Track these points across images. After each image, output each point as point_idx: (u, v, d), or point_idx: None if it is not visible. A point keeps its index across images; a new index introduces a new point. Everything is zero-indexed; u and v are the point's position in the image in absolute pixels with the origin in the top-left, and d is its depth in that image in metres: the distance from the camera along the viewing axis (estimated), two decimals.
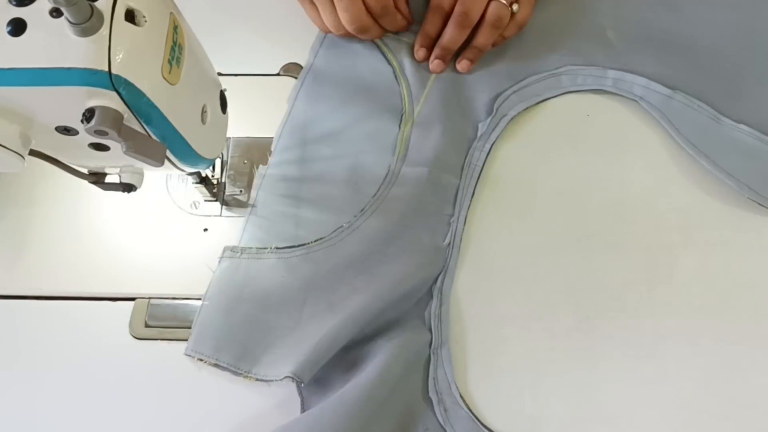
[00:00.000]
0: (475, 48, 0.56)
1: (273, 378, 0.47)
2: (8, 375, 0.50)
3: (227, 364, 0.48)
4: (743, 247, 0.52)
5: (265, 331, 0.49)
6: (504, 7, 0.54)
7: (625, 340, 0.50)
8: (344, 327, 0.47)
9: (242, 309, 0.50)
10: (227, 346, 0.49)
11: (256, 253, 0.51)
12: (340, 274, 0.50)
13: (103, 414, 0.49)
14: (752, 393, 0.48)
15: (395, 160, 0.54)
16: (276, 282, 0.50)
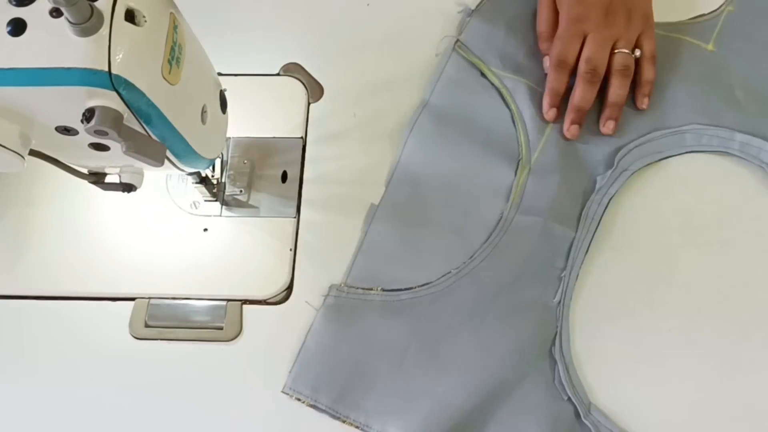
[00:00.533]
0: (614, 105, 0.54)
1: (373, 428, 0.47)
2: (8, 375, 0.50)
3: (325, 406, 0.48)
4: (743, 247, 0.52)
5: (365, 374, 0.48)
6: (628, 56, 0.54)
7: (626, 340, 0.50)
8: (458, 388, 0.47)
9: (344, 350, 0.49)
10: (326, 387, 0.48)
11: (363, 293, 0.51)
12: (446, 321, 0.49)
13: (103, 414, 0.49)
14: (752, 393, 0.48)
15: (509, 207, 0.53)
16: (380, 324, 0.50)
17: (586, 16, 0.54)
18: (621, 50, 0.54)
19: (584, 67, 0.54)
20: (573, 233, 0.52)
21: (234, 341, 0.51)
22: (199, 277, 0.52)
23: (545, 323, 0.49)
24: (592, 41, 0.54)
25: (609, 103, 0.54)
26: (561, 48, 0.54)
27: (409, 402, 0.47)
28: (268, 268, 0.52)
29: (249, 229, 0.54)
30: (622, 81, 0.54)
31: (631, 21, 0.55)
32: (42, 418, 0.49)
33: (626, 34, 0.54)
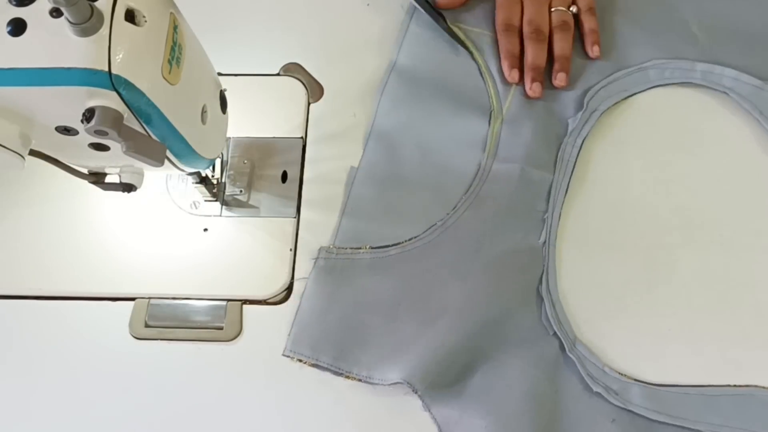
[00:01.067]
0: (562, 57, 0.57)
1: (379, 382, 0.48)
2: (8, 375, 0.50)
3: (327, 364, 0.49)
4: (743, 247, 0.52)
5: (360, 330, 0.49)
6: (563, 12, 0.58)
7: (626, 340, 0.50)
8: (450, 332, 0.48)
9: (338, 309, 0.50)
10: (325, 346, 0.49)
11: (351, 253, 0.52)
12: (434, 273, 0.51)
13: (103, 414, 0.49)
14: None
15: (485, 157, 0.55)
16: (371, 281, 0.51)
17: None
18: (557, 8, 0.58)
19: (527, 28, 0.58)
20: (551, 176, 0.54)
21: (234, 341, 0.51)
22: (199, 277, 0.52)
23: (532, 264, 0.51)
24: (529, 4, 0.58)
25: (555, 57, 0.57)
26: (503, 14, 0.59)
27: (404, 350, 0.48)
28: (268, 268, 0.52)
29: (249, 229, 0.54)
30: (562, 35, 0.57)
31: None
32: (42, 418, 0.49)
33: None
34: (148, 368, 0.50)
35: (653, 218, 0.53)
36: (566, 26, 0.58)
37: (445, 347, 0.48)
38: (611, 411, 0.47)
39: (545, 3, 0.58)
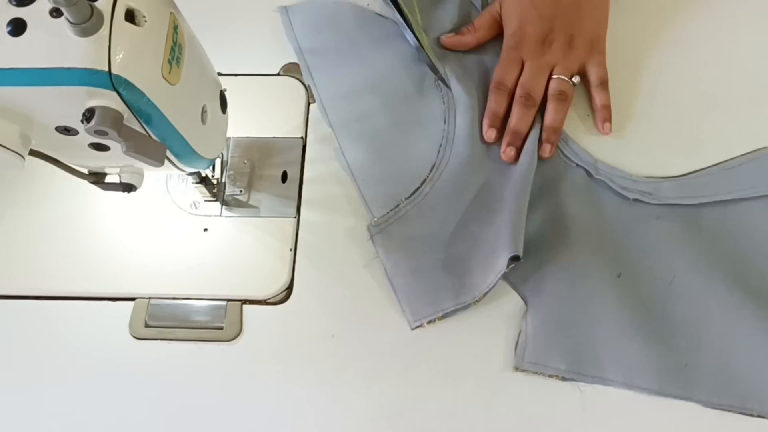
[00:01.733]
0: (550, 128, 0.55)
1: (497, 277, 0.49)
2: (8, 375, 0.50)
3: (453, 306, 0.50)
4: None
5: (456, 262, 0.51)
6: (564, 82, 0.56)
7: None
8: (509, 208, 0.51)
9: (424, 261, 0.52)
10: (441, 295, 0.50)
11: (394, 213, 0.53)
12: (471, 179, 0.54)
13: (103, 414, 0.49)
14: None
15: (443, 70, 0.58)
16: (429, 222, 0.53)
17: (523, 44, 0.57)
18: (558, 76, 0.56)
19: (519, 91, 0.56)
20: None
21: (234, 341, 0.51)
22: (199, 277, 0.52)
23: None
24: (528, 68, 0.56)
25: (545, 127, 0.55)
26: (499, 72, 0.57)
27: (495, 251, 0.50)
28: (268, 268, 0.52)
29: (249, 229, 0.54)
30: (556, 105, 0.55)
31: (571, 48, 0.56)
32: (42, 418, 0.49)
33: (564, 61, 0.56)
34: (148, 368, 0.50)
35: None
36: (563, 96, 0.56)
37: (515, 213, 0.51)
38: (652, 210, 0.52)
39: (546, 69, 0.56)
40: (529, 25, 0.56)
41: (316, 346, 0.50)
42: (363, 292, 0.52)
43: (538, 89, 0.56)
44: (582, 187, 0.54)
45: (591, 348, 0.48)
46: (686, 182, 0.53)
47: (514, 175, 0.53)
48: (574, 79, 0.56)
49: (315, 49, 0.60)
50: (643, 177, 0.53)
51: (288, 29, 0.61)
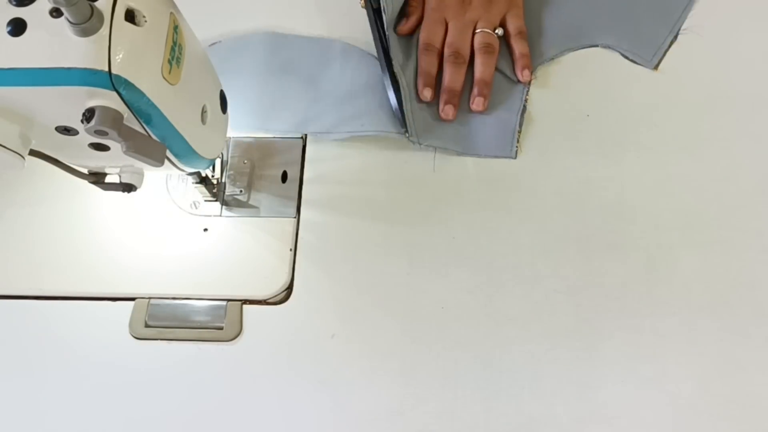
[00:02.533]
0: (481, 81, 0.57)
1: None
2: (8, 375, 0.50)
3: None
4: (743, 247, 0.52)
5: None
6: (489, 35, 0.58)
7: (625, 340, 0.50)
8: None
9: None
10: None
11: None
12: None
13: (103, 414, 0.49)
14: (752, 393, 0.48)
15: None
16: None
17: (443, 4, 0.59)
18: (482, 29, 0.58)
19: (447, 51, 0.57)
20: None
21: (234, 341, 0.51)
22: (199, 277, 0.52)
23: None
24: (452, 26, 0.58)
25: (476, 80, 0.57)
26: (425, 34, 0.58)
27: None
28: (268, 268, 0.52)
29: (249, 229, 0.54)
30: (484, 58, 0.57)
31: (491, 3, 0.59)
32: (42, 418, 0.49)
33: (486, 15, 0.58)
34: (148, 368, 0.50)
35: (653, 218, 0.54)
36: (490, 48, 0.57)
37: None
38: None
39: (470, 25, 0.58)
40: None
41: (316, 346, 0.50)
42: (363, 292, 0.52)
43: (466, 46, 0.57)
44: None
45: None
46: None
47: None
48: (497, 31, 0.58)
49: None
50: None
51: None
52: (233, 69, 0.59)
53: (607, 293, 0.51)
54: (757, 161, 0.55)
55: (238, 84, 0.57)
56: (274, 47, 0.60)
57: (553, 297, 0.51)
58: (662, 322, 0.50)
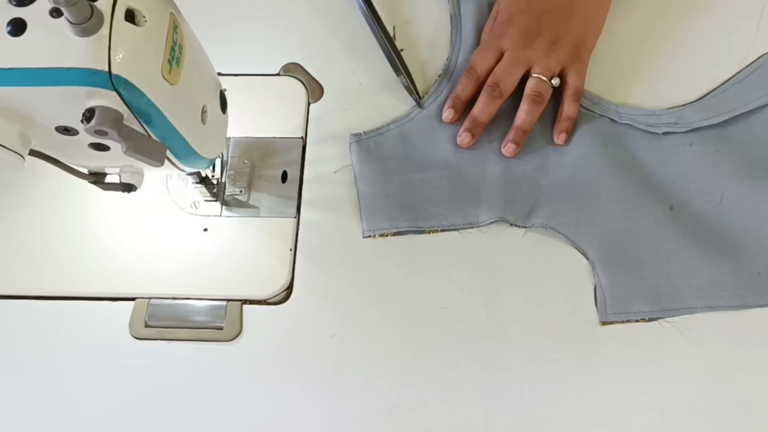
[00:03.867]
0: (518, 129, 0.54)
1: (464, 225, 0.53)
2: (8, 375, 0.50)
3: (407, 227, 0.53)
4: None
5: (425, 187, 0.54)
6: (543, 83, 0.54)
7: (625, 340, 0.50)
8: (504, 160, 0.54)
9: (394, 178, 0.54)
10: (400, 213, 0.53)
11: (378, 131, 0.56)
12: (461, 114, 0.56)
13: (103, 414, 0.49)
14: (752, 393, 0.48)
15: (452, 5, 0.61)
16: (409, 145, 0.56)
17: (506, 33, 0.55)
18: (536, 75, 0.54)
19: (489, 80, 0.54)
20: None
21: (234, 341, 0.51)
22: (199, 277, 0.52)
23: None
24: (505, 58, 0.55)
25: (514, 126, 0.55)
26: (474, 57, 0.56)
27: (473, 187, 0.54)
28: (268, 268, 0.52)
29: (249, 229, 0.54)
30: (530, 106, 0.54)
31: (555, 48, 0.54)
32: (42, 418, 0.49)
33: (545, 60, 0.54)
34: (148, 368, 0.50)
35: None
36: (539, 99, 0.54)
37: (510, 173, 0.54)
38: (682, 138, 0.54)
39: (523, 64, 0.54)
40: (517, 16, 0.55)
41: (316, 346, 0.50)
42: (363, 292, 0.52)
43: (510, 82, 0.54)
44: (610, 134, 0.55)
45: (667, 283, 0.50)
46: (706, 104, 0.55)
47: (507, 121, 0.55)
48: (553, 81, 0.54)
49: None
50: (665, 109, 0.55)
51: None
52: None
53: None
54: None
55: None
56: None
57: (553, 297, 0.51)
58: (662, 322, 0.50)
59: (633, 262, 0.51)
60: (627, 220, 0.52)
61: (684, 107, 0.55)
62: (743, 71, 0.57)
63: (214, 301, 0.52)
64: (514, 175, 0.54)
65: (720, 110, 0.55)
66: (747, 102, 0.55)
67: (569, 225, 0.52)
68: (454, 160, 0.55)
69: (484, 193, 0.53)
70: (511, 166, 0.54)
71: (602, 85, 0.57)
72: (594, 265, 0.51)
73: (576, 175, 0.53)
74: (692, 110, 0.55)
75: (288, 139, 0.57)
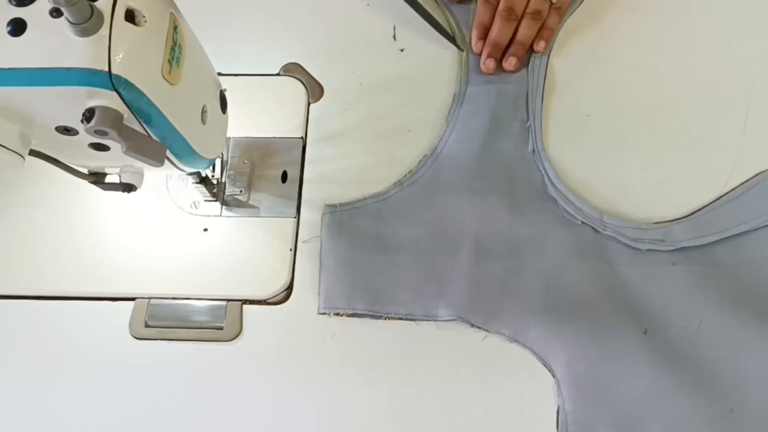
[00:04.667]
0: (519, 43, 0.58)
1: (423, 318, 0.50)
2: (8, 375, 0.50)
3: (364, 310, 0.50)
4: None
5: (389, 272, 0.51)
6: (542, 2, 0.58)
7: None
8: (477, 255, 0.51)
9: (361, 257, 0.52)
10: (358, 294, 0.51)
11: (354, 204, 0.54)
12: (441, 201, 0.53)
13: (102, 414, 0.49)
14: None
15: (459, 84, 0.58)
16: (383, 224, 0.53)
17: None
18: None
19: (502, 5, 0.58)
20: (525, 87, 0.58)
21: (234, 341, 0.51)
22: (199, 277, 0.52)
23: (529, 172, 0.54)
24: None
25: (515, 41, 0.58)
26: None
27: (439, 279, 0.51)
28: (268, 268, 0.52)
29: (249, 229, 0.54)
30: (530, 22, 0.58)
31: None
32: (42, 418, 0.49)
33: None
34: (148, 368, 0.50)
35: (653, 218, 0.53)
36: (537, 15, 0.58)
37: (480, 270, 0.51)
38: (667, 257, 0.51)
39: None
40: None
41: (316, 346, 0.50)
42: None
43: (520, 4, 0.58)
44: (591, 245, 0.52)
45: (633, 411, 0.47)
46: (696, 221, 0.52)
47: (490, 225, 0.52)
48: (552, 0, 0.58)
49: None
50: (652, 223, 0.52)
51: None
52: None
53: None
54: (757, 161, 0.55)
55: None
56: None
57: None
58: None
59: (600, 386, 0.47)
60: (598, 340, 0.48)
61: (672, 223, 0.52)
62: (737, 189, 0.53)
63: (214, 301, 0.52)
64: (483, 273, 0.51)
65: (709, 230, 0.51)
66: (739, 223, 0.51)
67: (537, 339, 0.49)
68: (426, 246, 0.52)
69: (449, 287, 0.50)
70: (481, 262, 0.51)
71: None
72: (559, 384, 0.48)
73: (549, 286, 0.50)
74: (680, 228, 0.52)
75: (288, 139, 0.57)
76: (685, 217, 0.52)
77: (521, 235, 0.52)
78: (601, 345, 0.48)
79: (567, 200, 0.53)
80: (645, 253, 0.51)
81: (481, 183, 0.54)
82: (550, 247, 0.52)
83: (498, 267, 0.51)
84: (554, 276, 0.51)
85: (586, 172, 0.55)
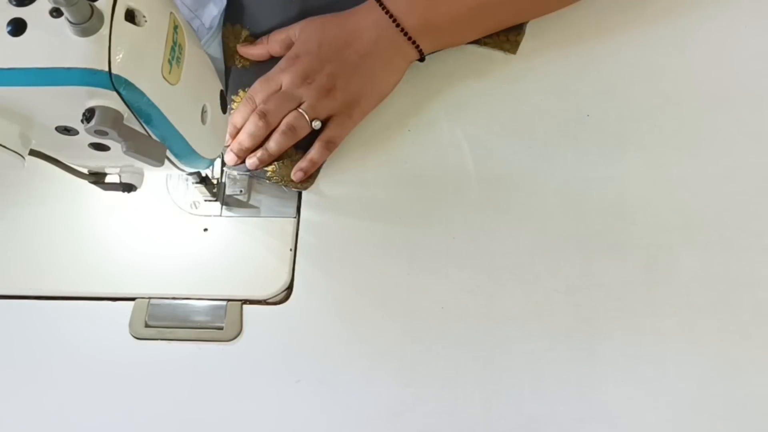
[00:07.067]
0: (265, 150, 0.54)
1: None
2: (8, 375, 0.50)
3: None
4: (743, 247, 0.52)
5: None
6: (302, 119, 0.54)
7: (625, 340, 0.50)
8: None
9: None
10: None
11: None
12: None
13: (102, 414, 0.49)
14: (752, 393, 0.48)
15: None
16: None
17: (288, 69, 0.55)
18: (300, 111, 0.54)
19: (260, 106, 0.54)
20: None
21: (234, 341, 0.51)
22: (199, 277, 0.52)
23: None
24: (280, 92, 0.55)
25: (264, 146, 0.54)
26: (256, 86, 0.56)
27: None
28: (268, 268, 0.52)
29: (249, 229, 0.54)
30: (279, 137, 0.54)
31: (328, 95, 0.54)
32: (42, 418, 0.49)
33: (315, 102, 0.54)
34: (148, 368, 0.50)
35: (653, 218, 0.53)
36: (289, 133, 0.54)
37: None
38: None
39: (294, 101, 0.54)
40: (304, 56, 0.55)
41: (316, 346, 0.50)
42: (363, 292, 0.52)
43: (277, 115, 0.54)
44: None
45: None
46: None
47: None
48: (313, 123, 0.54)
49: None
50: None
51: None
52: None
53: (607, 293, 0.51)
54: (757, 161, 0.55)
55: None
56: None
57: (552, 297, 0.51)
58: (662, 323, 0.50)
59: None
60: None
61: None
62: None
63: (214, 301, 0.52)
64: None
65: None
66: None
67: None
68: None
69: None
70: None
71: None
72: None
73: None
74: None
75: None
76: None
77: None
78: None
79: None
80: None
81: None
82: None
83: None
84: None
85: (587, 172, 0.55)
